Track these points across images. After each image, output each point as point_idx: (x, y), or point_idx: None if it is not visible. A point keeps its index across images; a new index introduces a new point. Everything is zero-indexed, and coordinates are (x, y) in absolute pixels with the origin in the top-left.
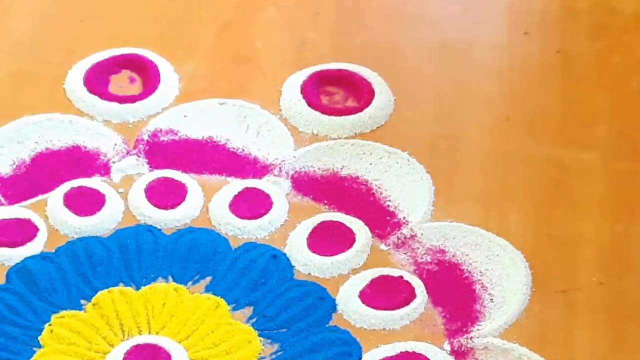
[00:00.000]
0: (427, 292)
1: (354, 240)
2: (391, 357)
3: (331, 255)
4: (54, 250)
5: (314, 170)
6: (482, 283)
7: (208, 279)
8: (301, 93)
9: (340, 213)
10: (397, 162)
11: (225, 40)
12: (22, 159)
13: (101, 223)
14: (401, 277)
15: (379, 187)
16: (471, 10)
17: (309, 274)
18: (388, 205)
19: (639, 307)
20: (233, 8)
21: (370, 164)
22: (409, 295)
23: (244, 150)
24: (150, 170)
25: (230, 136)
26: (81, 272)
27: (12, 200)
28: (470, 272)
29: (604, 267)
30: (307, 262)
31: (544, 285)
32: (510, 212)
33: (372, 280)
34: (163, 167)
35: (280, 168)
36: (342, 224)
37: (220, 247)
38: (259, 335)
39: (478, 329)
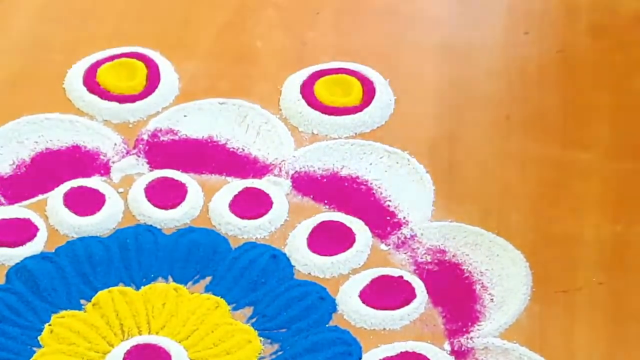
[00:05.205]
0: (427, 292)
1: (354, 240)
2: (391, 357)
3: (331, 255)
4: (53, 250)
5: (314, 170)
6: (482, 283)
7: (208, 279)
8: (301, 93)
9: (340, 213)
10: (397, 162)
11: (225, 40)
12: (22, 158)
13: (101, 223)
14: (401, 277)
15: (379, 187)
16: (471, 10)
17: (309, 273)
18: (388, 205)
19: (639, 307)
20: (233, 8)
21: (370, 164)
22: (409, 295)
23: (244, 150)
24: (150, 170)
25: (230, 136)
26: (81, 272)
27: (12, 200)
28: (470, 272)
29: (604, 267)
30: (307, 262)
31: (544, 285)
32: (510, 212)
33: (372, 280)
34: (163, 167)
35: (280, 168)
36: (342, 224)
37: (220, 247)
38: (259, 335)
39: (478, 329)
